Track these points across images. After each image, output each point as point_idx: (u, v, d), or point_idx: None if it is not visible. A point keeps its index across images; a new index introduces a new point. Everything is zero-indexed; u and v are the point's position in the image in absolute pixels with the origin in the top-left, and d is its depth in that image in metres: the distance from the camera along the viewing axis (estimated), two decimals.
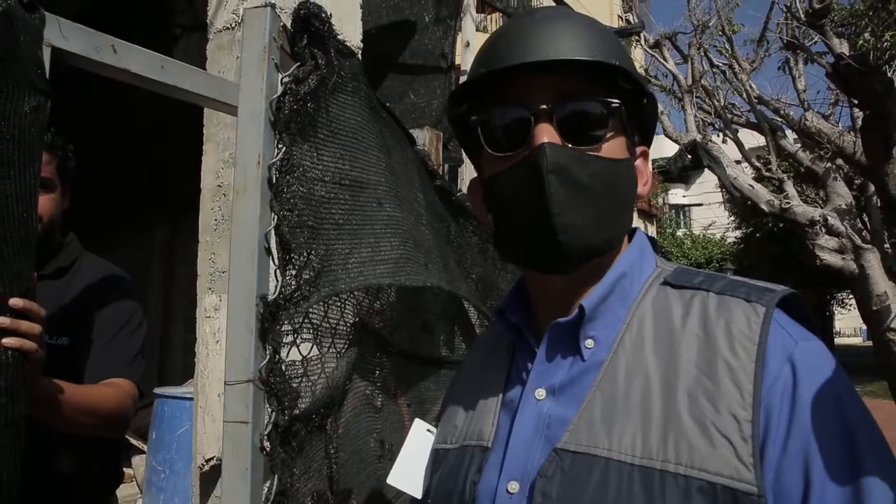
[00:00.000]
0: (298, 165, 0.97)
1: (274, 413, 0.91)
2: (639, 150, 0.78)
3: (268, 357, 0.91)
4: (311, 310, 1.01)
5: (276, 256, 0.94)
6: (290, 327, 0.95)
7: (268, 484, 0.90)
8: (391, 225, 1.25)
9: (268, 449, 0.89)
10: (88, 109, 5.32)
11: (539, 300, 0.79)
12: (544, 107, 0.69)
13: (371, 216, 1.18)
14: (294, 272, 0.94)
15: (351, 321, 1.18)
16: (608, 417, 0.66)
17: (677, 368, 0.66)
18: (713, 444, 0.60)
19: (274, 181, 0.94)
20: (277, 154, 0.95)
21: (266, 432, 0.90)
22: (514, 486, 0.69)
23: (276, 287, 0.93)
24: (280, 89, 0.97)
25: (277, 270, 0.94)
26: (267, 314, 0.90)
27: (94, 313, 1.44)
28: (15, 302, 0.89)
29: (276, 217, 0.93)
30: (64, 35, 0.92)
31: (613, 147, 0.72)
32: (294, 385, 0.96)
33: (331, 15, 1.03)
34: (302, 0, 1.01)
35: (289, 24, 1.03)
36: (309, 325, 1.03)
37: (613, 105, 0.70)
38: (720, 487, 0.59)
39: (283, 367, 0.93)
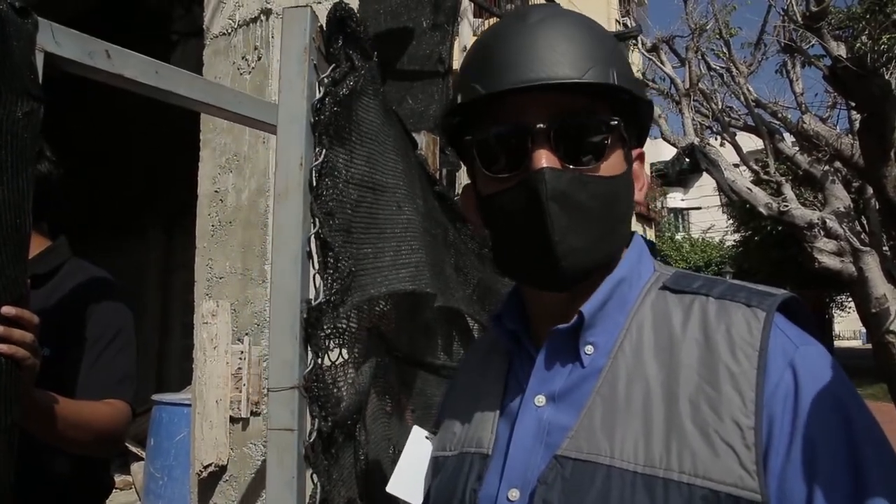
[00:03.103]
0: (334, 168, 0.97)
1: (316, 420, 0.90)
2: (634, 153, 0.77)
3: (311, 363, 0.90)
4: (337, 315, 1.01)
5: (315, 261, 0.93)
6: (324, 332, 0.94)
7: (308, 492, 0.89)
8: (410, 228, 1.25)
9: (311, 457, 0.88)
10: (85, 114, 5.32)
11: (536, 308, 0.78)
12: (541, 126, 0.67)
13: (391, 220, 1.18)
14: (333, 276, 0.93)
15: (366, 325, 1.18)
16: (609, 424, 0.66)
17: (678, 375, 0.65)
18: (716, 451, 0.60)
19: (314, 184, 0.93)
20: (318, 157, 0.94)
21: (311, 440, 0.89)
22: (514, 494, 0.68)
23: (317, 292, 0.92)
24: (320, 91, 0.96)
25: (317, 275, 0.93)
26: (312, 319, 0.89)
27: (81, 324, 1.38)
28: (7, 310, 0.88)
29: (318, 221, 0.93)
30: (57, 40, 0.92)
31: (612, 163, 0.70)
32: (333, 391, 0.95)
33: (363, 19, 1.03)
34: (336, 1, 1.00)
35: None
36: (337, 331, 1.02)
37: (613, 123, 0.69)
38: (724, 496, 0.58)
39: (325, 373, 0.93)
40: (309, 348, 0.90)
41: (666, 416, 0.63)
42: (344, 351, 1.04)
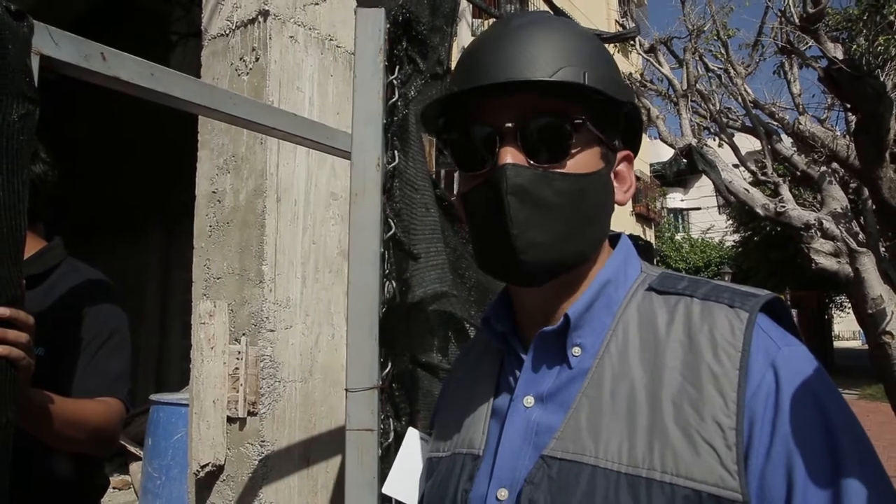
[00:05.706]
0: (397, 169, 0.97)
1: (391, 420, 0.90)
2: (621, 154, 0.78)
3: (390, 364, 0.90)
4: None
5: (386, 261, 0.94)
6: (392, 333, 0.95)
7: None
8: (436, 230, 1.26)
9: (387, 458, 0.88)
10: (84, 116, 5.32)
11: (522, 309, 0.79)
12: (508, 125, 0.69)
13: (423, 221, 1.20)
14: (402, 277, 0.94)
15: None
16: (594, 425, 0.66)
17: (662, 376, 0.66)
18: (698, 452, 0.60)
19: (387, 185, 0.94)
20: (393, 158, 0.94)
21: (389, 441, 0.89)
22: (503, 494, 0.69)
23: (392, 292, 0.92)
24: (395, 93, 0.96)
25: (387, 276, 0.93)
26: (389, 320, 0.90)
27: (75, 324, 1.39)
28: (2, 311, 0.89)
29: (393, 221, 0.93)
30: (54, 43, 0.92)
31: (581, 161, 0.71)
32: (406, 391, 0.95)
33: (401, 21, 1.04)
34: (400, 3, 1.01)
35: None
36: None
37: (577, 121, 0.70)
38: (705, 495, 0.59)
39: (399, 373, 0.93)
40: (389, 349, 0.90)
41: (649, 416, 0.64)
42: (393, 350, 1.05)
